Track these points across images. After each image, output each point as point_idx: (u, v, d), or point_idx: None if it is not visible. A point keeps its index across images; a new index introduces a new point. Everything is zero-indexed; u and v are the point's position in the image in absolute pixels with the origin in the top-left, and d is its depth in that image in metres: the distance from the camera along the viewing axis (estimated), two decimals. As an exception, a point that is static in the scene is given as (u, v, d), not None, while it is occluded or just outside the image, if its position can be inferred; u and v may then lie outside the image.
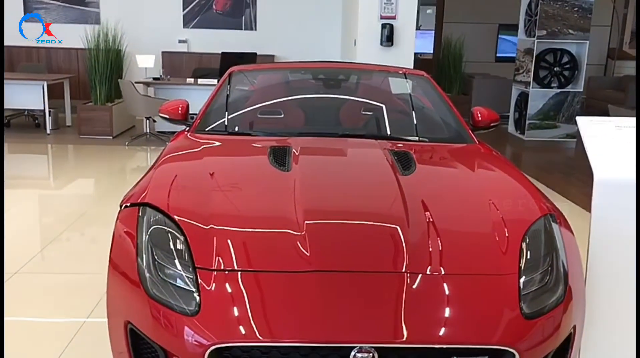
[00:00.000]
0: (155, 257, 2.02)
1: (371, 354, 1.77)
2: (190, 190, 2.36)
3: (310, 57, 8.52)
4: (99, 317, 2.95)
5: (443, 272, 1.99)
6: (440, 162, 2.96)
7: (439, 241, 2.10)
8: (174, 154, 2.83)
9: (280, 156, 2.68)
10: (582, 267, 2.30)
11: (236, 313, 1.84)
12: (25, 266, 3.70)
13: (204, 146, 2.95)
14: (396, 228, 2.16)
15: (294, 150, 2.74)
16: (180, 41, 9.83)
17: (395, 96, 3.90)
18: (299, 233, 2.07)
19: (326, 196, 2.43)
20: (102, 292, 3.11)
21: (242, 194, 2.42)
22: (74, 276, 3.55)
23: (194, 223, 2.12)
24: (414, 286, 1.93)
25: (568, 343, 2.07)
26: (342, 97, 3.83)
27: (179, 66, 9.72)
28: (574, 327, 2.08)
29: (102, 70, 7.94)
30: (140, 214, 2.19)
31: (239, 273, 1.95)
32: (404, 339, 1.79)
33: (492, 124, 3.48)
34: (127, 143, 7.66)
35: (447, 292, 1.93)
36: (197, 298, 1.88)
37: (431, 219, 2.20)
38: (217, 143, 3.02)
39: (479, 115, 3.47)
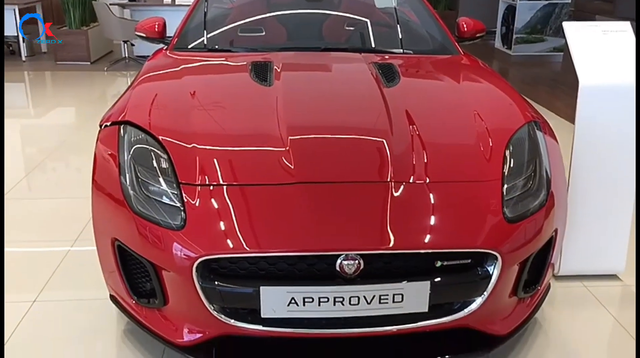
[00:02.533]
0: (139, 175, 2.02)
1: (357, 261, 1.81)
2: (171, 109, 2.34)
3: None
4: (85, 244, 2.98)
5: (427, 180, 2.01)
6: (424, 74, 2.93)
7: (424, 151, 2.12)
8: (152, 73, 2.77)
9: (261, 72, 2.63)
10: (565, 174, 2.34)
11: (222, 226, 1.86)
12: (10, 192, 3.69)
13: (183, 64, 2.89)
14: (380, 140, 2.16)
15: (275, 66, 2.69)
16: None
17: (379, 9, 3.80)
18: (283, 149, 2.07)
19: (309, 111, 2.41)
20: (86, 219, 3.16)
21: (224, 111, 2.40)
22: (58, 203, 3.55)
23: (177, 141, 2.11)
24: (399, 195, 1.95)
25: (549, 246, 2.14)
26: (325, 12, 3.72)
27: (155, -14, 9.33)
28: (556, 230, 2.14)
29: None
30: (121, 133, 2.17)
31: (224, 187, 1.96)
32: (390, 245, 1.82)
33: (477, 35, 3.42)
34: (105, 69, 7.49)
35: (431, 199, 1.96)
36: (183, 213, 1.89)
37: (416, 131, 2.21)
38: (197, 61, 2.96)
39: (464, 26, 3.41)
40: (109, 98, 6.74)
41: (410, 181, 2.00)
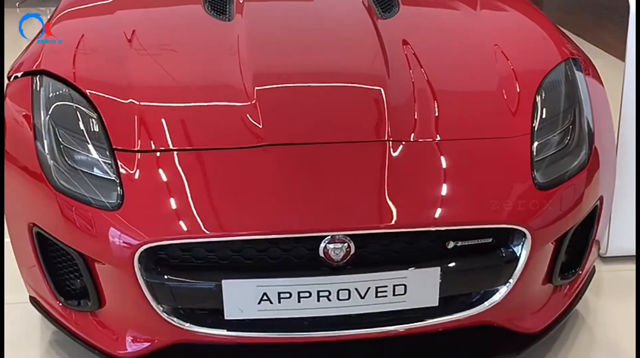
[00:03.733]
0: (60, 140, 2.01)
1: (346, 244, 1.81)
2: (101, 54, 2.32)
3: None
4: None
5: (436, 138, 2.02)
6: (430, 0, 2.90)
7: (431, 101, 2.13)
8: (75, 7, 2.72)
9: (218, 2, 2.61)
10: (613, 125, 2.34)
11: (171, 203, 1.86)
12: None
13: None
14: (374, 87, 2.17)
15: (237, -6, 2.66)
16: None
17: None
18: (248, 103, 2.07)
19: (281, 52, 2.40)
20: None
21: (171, 56, 2.39)
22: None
23: (110, 96, 2.10)
24: (399, 157, 1.96)
25: (593, 219, 2.15)
26: None
27: None
28: (601, 199, 2.16)
29: None
30: (35, 86, 2.15)
31: (173, 153, 1.96)
32: (390, 223, 1.83)
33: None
34: (18, 4, 7.38)
35: (441, 162, 1.97)
36: (119, 187, 1.89)
37: (421, 74, 2.22)
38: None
39: None
40: (23, 42, 6.63)
41: (414, 139, 2.00)
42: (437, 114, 2.09)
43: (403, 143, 1.99)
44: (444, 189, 1.92)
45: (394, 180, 1.90)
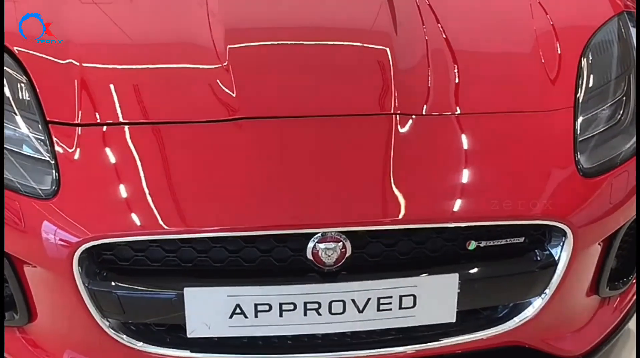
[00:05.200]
0: (-19, 111, 1.99)
1: (340, 243, 1.80)
2: (33, 2, 2.32)
3: None
4: None
5: (456, 111, 2.02)
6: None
7: (450, 65, 2.15)
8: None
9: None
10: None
11: (122, 191, 1.85)
12: None
13: None
14: (377, 47, 2.19)
15: None
16: None
17: None
18: (218, 66, 2.08)
19: (260, 2, 2.42)
20: None
21: (123, 5, 2.41)
22: None
23: (43, 55, 2.11)
24: (409, 135, 1.96)
25: (650, 214, 2.15)
26: None
27: None
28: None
29: None
30: (-50, 42, 2.14)
31: (125, 126, 1.95)
32: (395, 218, 1.82)
33: None
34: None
35: (462, 142, 1.97)
36: (54, 171, 1.87)
37: (438, 31, 2.23)
38: None
39: None
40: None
41: (427, 112, 2.01)
42: (457, 82, 2.11)
43: (413, 116, 1.99)
44: (465, 176, 1.92)
45: (401, 164, 1.90)
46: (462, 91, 2.09)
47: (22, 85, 2.03)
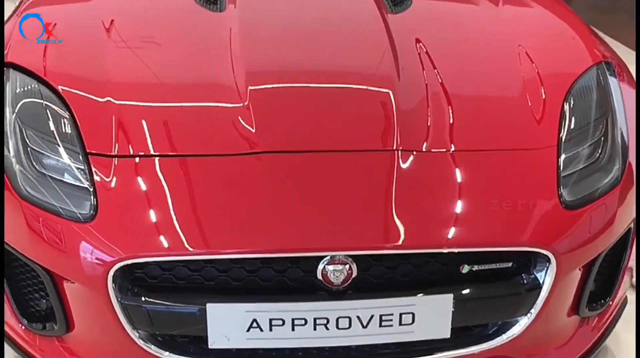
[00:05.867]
0: (28, 142, 2.01)
1: (347, 265, 1.81)
2: (76, 46, 2.34)
3: None
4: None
5: (451, 148, 2.03)
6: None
7: (445, 106, 2.14)
8: (49, -8, 2.74)
9: (209, -10, 2.62)
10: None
11: (152, 215, 1.86)
12: None
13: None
14: (382, 90, 2.18)
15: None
16: None
17: None
18: (240, 104, 2.08)
19: (278, 48, 2.42)
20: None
21: (155, 50, 2.41)
22: None
23: (85, 94, 2.11)
24: (409, 169, 1.96)
25: (625, 243, 2.15)
26: None
27: None
28: (634, 221, 2.15)
29: None
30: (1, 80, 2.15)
31: (155, 159, 1.96)
32: (396, 243, 1.83)
33: None
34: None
35: (456, 176, 1.97)
36: (92, 197, 1.88)
37: (434, 76, 2.23)
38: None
39: None
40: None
41: (426, 149, 2.01)
42: (452, 122, 2.10)
43: (414, 152, 1.99)
44: (459, 207, 1.92)
45: (402, 195, 1.90)
46: (457, 130, 2.08)
47: (65, 120, 2.03)
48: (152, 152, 1.97)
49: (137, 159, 1.96)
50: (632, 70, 2.49)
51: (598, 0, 7.41)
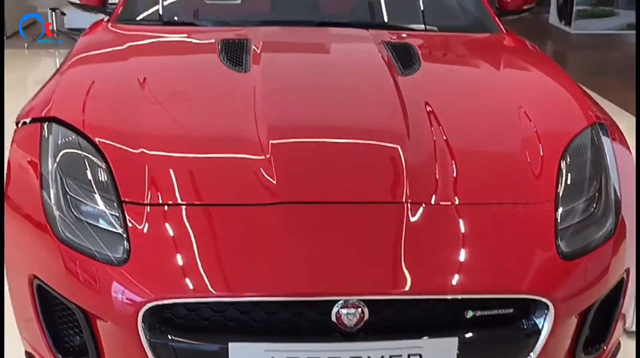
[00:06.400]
0: (67, 190, 2.03)
1: (360, 309, 1.81)
2: (112, 101, 2.36)
3: None
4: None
5: (455, 201, 2.03)
6: (453, 58, 2.97)
7: (451, 162, 2.15)
8: (88, 53, 2.79)
9: (234, 53, 2.65)
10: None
11: (179, 260, 1.87)
12: None
13: (131, 41, 2.92)
14: (393, 146, 2.19)
15: (253, 45, 2.72)
16: None
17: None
18: (262, 157, 2.09)
19: (298, 106, 2.44)
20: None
21: (184, 106, 2.43)
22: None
23: (119, 145, 2.13)
24: (417, 220, 1.96)
25: (619, 292, 2.14)
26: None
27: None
28: (627, 271, 2.15)
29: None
30: (44, 133, 2.18)
31: (183, 207, 1.97)
32: (405, 289, 1.83)
33: (525, 7, 3.46)
34: (26, 45, 7.53)
35: (460, 227, 1.98)
36: (125, 242, 1.90)
37: (441, 134, 2.24)
38: (149, 37, 2.98)
39: (507, -6, 3.44)
40: (29, 85, 6.75)
41: (433, 202, 2.01)
42: (457, 177, 2.10)
43: (422, 205, 1.99)
44: (463, 256, 1.93)
45: (410, 244, 1.91)
46: (462, 184, 2.08)
47: (102, 170, 2.05)
48: (180, 201, 1.98)
49: (167, 208, 1.97)
50: (623, 129, 2.49)
51: (590, 63, 7.48)
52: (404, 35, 3.02)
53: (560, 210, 2.04)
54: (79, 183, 2.04)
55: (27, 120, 2.28)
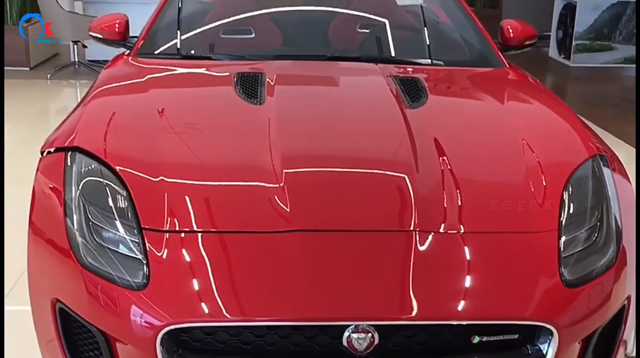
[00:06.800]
0: (90, 217, 2.04)
1: (370, 334, 1.81)
2: (133, 132, 2.38)
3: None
4: (16, 302, 2.95)
5: (462, 230, 2.03)
6: (459, 91, 2.98)
7: (457, 192, 2.15)
8: (110, 85, 2.82)
9: (250, 86, 2.67)
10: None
11: (196, 285, 1.87)
12: None
13: (150, 73, 2.94)
14: (402, 176, 2.19)
15: (267, 78, 2.74)
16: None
17: (401, 7, 3.87)
18: (276, 185, 2.10)
19: (310, 137, 2.45)
20: (19, 271, 3.14)
21: (201, 136, 2.44)
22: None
23: (140, 173, 2.14)
24: (425, 248, 1.96)
25: (620, 318, 2.12)
26: (331, 10, 3.79)
27: (114, -27, 9.52)
28: (628, 298, 2.13)
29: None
30: (68, 162, 2.20)
31: (200, 234, 1.98)
32: (413, 315, 1.83)
33: (527, 43, 3.48)
34: (49, 76, 7.58)
35: (467, 255, 1.98)
36: (145, 267, 1.91)
37: (447, 165, 2.24)
38: (167, 70, 3.01)
39: (510, 30, 3.46)
40: (51, 114, 6.80)
41: (440, 230, 2.01)
42: (463, 206, 2.10)
43: (430, 233, 2.00)
44: (470, 283, 1.93)
45: (419, 271, 1.91)
46: (468, 213, 2.08)
47: (123, 197, 2.06)
48: (198, 228, 1.99)
49: (185, 235, 1.98)
50: (622, 159, 2.49)
51: (589, 95, 7.50)
52: (411, 69, 3.04)
53: (563, 239, 2.04)
54: (100, 210, 2.05)
55: (52, 149, 2.29)
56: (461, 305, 1.88)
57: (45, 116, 6.68)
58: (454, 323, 1.86)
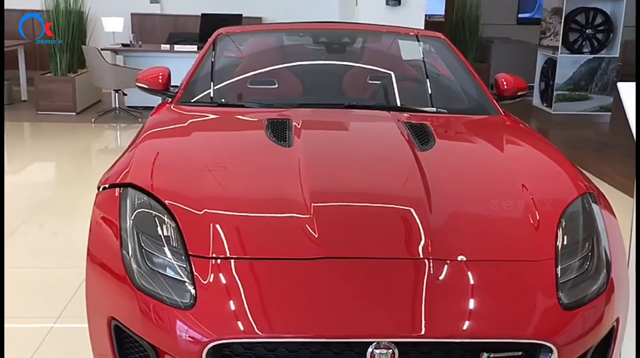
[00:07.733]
0: (142, 244, 2.06)
1: (391, 350, 1.82)
2: (178, 169, 2.42)
3: (303, 20, 8.47)
4: (70, 321, 2.99)
5: (470, 259, 2.04)
6: (462, 136, 3.01)
7: (465, 226, 2.17)
8: (157, 129, 2.86)
9: (279, 130, 2.71)
10: (625, 253, 2.35)
11: (237, 305, 1.89)
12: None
13: (191, 119, 2.98)
14: (416, 210, 2.21)
15: (294, 123, 2.78)
16: (152, 1, 9.78)
17: (406, 62, 3.92)
18: (307, 216, 2.12)
19: (336, 175, 2.48)
20: (71, 291, 3.16)
21: (239, 173, 2.47)
22: (37, 274, 3.57)
23: (186, 207, 2.16)
24: (436, 274, 1.98)
25: (610, 338, 2.13)
26: (346, 64, 3.85)
27: (151, 30, 9.70)
28: (617, 320, 2.14)
29: (63, 35, 7.89)
30: (121, 196, 2.23)
31: (240, 261, 2.00)
32: (430, 333, 1.85)
33: (519, 93, 3.51)
34: (93, 120, 7.66)
35: (475, 281, 1.99)
36: (192, 289, 1.93)
37: (455, 202, 2.27)
38: (206, 116, 3.05)
39: (504, 83, 3.50)
40: (94, 153, 6.86)
41: (451, 259, 2.03)
42: (471, 238, 2.12)
43: (442, 261, 2.01)
44: (478, 305, 1.94)
45: (432, 295, 1.93)
46: (475, 244, 2.10)
47: (171, 227, 2.09)
48: (238, 256, 2.01)
49: (227, 261, 2.00)
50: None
51: (569, 139, 7.53)
52: (419, 116, 3.08)
53: (559, 267, 2.06)
54: (151, 238, 2.08)
55: (107, 186, 2.33)
56: (469, 325, 1.89)
57: (88, 155, 6.75)
58: (465, 340, 1.87)
